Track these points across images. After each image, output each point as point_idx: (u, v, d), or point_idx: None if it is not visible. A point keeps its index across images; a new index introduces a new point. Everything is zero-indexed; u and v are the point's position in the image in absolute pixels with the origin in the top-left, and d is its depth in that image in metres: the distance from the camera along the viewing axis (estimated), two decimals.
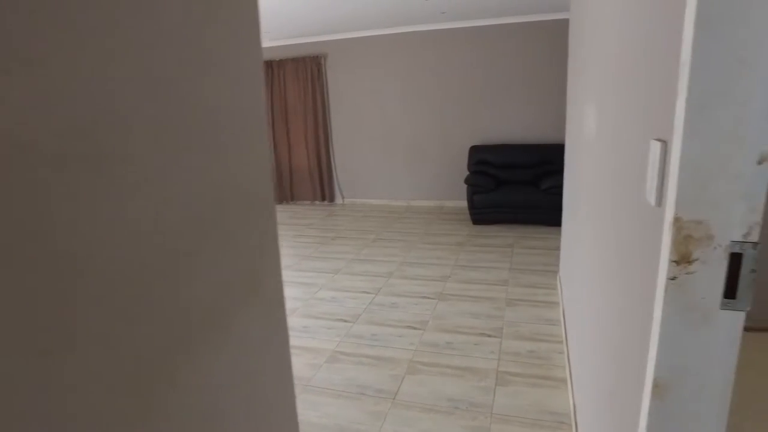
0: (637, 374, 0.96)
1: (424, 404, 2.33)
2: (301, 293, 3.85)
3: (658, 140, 0.87)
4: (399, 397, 2.39)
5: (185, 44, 0.68)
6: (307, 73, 6.92)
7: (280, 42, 6.87)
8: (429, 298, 3.56)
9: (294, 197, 7.43)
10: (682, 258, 0.78)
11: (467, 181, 5.42)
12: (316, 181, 7.22)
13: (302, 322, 3.31)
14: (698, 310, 0.80)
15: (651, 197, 0.91)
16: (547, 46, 5.62)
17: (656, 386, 0.85)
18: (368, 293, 3.73)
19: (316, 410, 2.33)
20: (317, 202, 7.33)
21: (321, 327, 3.23)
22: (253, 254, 0.86)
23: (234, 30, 0.80)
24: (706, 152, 0.73)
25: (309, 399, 2.43)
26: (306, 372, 2.68)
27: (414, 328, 3.11)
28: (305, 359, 2.82)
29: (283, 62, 6.98)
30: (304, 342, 3.03)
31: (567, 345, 2.63)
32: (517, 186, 5.46)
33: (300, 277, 4.22)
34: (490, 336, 2.95)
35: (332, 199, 7.28)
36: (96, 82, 0.53)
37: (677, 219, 0.77)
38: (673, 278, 0.79)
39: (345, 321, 3.29)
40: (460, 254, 4.52)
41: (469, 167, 5.93)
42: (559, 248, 3.82)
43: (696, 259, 0.77)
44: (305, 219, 6.42)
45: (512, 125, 6.06)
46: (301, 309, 3.54)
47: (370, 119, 6.77)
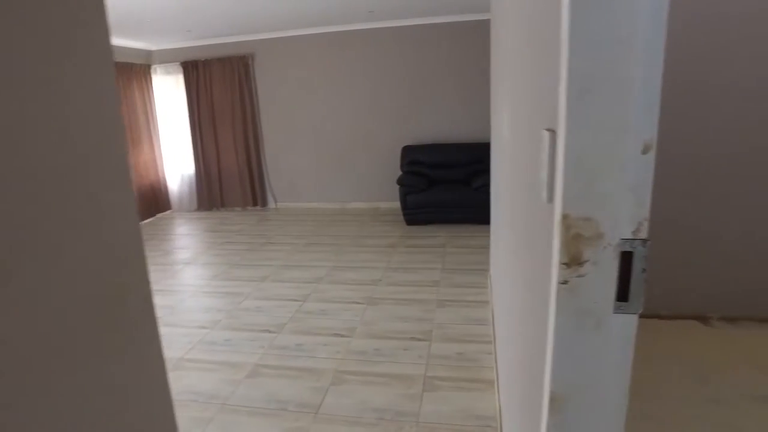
0: (539, 386, 0.89)
1: (348, 417, 2.21)
2: (225, 304, 3.64)
3: (548, 130, 0.80)
4: (322, 411, 2.27)
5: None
6: (235, 74, 6.64)
7: (205, 41, 6.56)
8: (359, 303, 3.46)
9: (224, 203, 7.11)
10: (573, 260, 0.71)
11: (400, 182, 5.37)
12: (247, 186, 6.94)
13: (224, 335, 3.11)
14: (591, 316, 0.73)
15: (543, 193, 0.84)
16: (474, 46, 5.68)
17: (553, 400, 0.78)
18: (296, 301, 3.58)
19: None
20: (249, 208, 7.05)
21: (244, 339, 3.04)
22: (113, 271, 0.70)
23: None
24: (591, 142, 0.66)
25: (225, 420, 2.25)
26: (224, 389, 2.50)
27: (342, 336, 2.99)
28: (224, 375, 2.63)
29: (209, 62, 6.67)
30: (225, 356, 2.84)
31: (495, 345, 2.61)
32: (450, 185, 5.47)
33: (225, 287, 4.00)
34: (420, 340, 2.88)
35: (264, 204, 7.03)
36: None
37: (565, 216, 0.70)
38: (565, 282, 0.72)
39: (270, 332, 3.12)
40: (393, 256, 4.46)
41: (402, 167, 5.89)
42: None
43: (587, 260, 0.70)
44: (235, 225, 6.15)
45: (444, 124, 6.08)
46: (224, 321, 3.33)
47: (302, 121, 6.59)
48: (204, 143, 6.96)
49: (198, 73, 6.74)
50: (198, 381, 2.60)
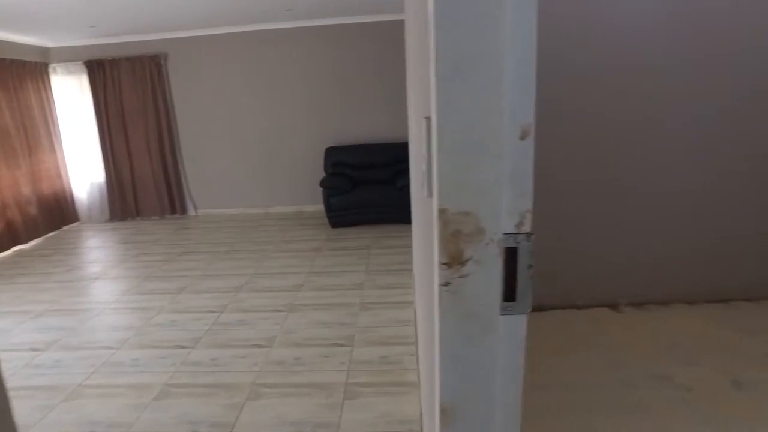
0: (433, 397, 0.82)
1: None
2: (135, 321, 3.36)
3: (426, 118, 0.74)
4: (237, 430, 2.11)
5: None
6: (146, 74, 6.22)
7: (112, 39, 6.08)
8: (280, 311, 3.31)
9: (139, 212, 6.64)
10: (454, 259, 0.64)
11: (322, 184, 5.25)
12: (164, 194, 6.52)
13: (131, 355, 2.86)
14: (477, 320, 0.67)
15: (425, 187, 0.78)
16: (393, 45, 5.67)
17: (443, 412, 0.71)
18: (213, 312, 3.37)
19: None
20: (167, 216, 6.63)
21: (154, 358, 2.81)
22: None
23: None
24: (465, 127, 0.60)
25: None
26: (128, 415, 2.27)
27: (260, 346, 2.84)
28: (129, 399, 2.40)
29: (117, 62, 6.19)
30: (131, 378, 2.60)
31: (417, 346, 2.57)
32: (374, 186, 5.42)
33: (136, 302, 3.70)
34: (342, 345, 2.79)
35: (184, 212, 6.64)
36: None
37: (443, 211, 0.63)
38: (447, 284, 0.65)
39: (183, 347, 2.91)
40: (317, 260, 4.33)
41: (326, 169, 5.77)
42: None
43: (469, 259, 0.64)
44: (151, 235, 5.76)
45: (367, 125, 6.03)
46: (133, 339, 3.06)
47: (221, 123, 6.29)
48: (114, 149, 6.46)
49: (105, 74, 6.24)
50: (98, 409, 2.36)
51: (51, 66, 6.25)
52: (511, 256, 0.64)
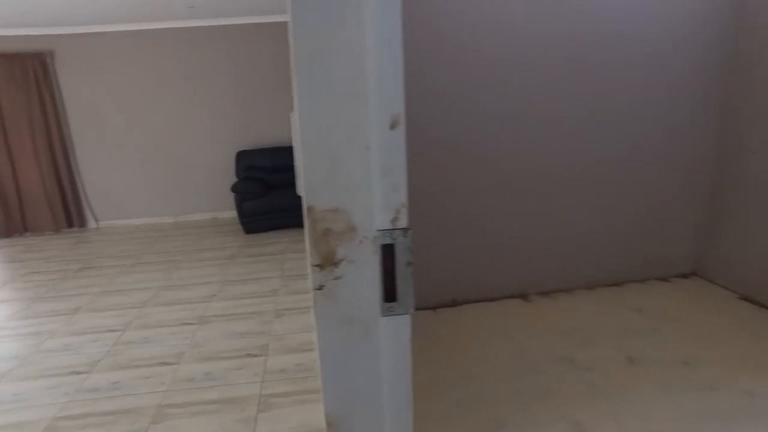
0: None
1: None
2: (21, 348, 3.00)
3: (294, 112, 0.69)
4: None
5: None
6: (29, 74, 5.62)
7: None
8: (190, 324, 3.11)
9: (28, 228, 6.00)
10: (326, 260, 0.60)
11: (234, 189, 5.04)
12: (58, 206, 5.94)
13: (13, 389, 2.55)
14: (357, 324, 0.63)
15: (298, 185, 0.73)
16: None
17: (330, 425, 0.67)
18: (114, 331, 3.10)
19: None
20: (64, 230, 6.05)
21: (41, 389, 2.52)
22: None
23: None
24: (328, 118, 0.56)
25: None
26: None
27: (167, 364, 2.64)
28: None
29: None
30: (11, 417, 2.31)
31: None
32: (288, 189, 5.28)
33: (24, 327, 3.31)
34: (256, 355, 2.67)
35: (83, 224, 6.10)
36: None
37: (311, 209, 0.58)
38: (321, 287, 0.61)
39: (78, 373, 2.64)
40: (231, 268, 4.14)
41: (238, 173, 5.55)
42: None
43: (342, 259, 0.60)
44: (43, 252, 5.23)
45: (278, 126, 5.87)
46: (17, 370, 2.73)
47: (122, 128, 5.83)
48: None
49: None
50: None
51: None
52: (389, 254, 0.61)
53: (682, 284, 3.07)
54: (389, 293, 0.62)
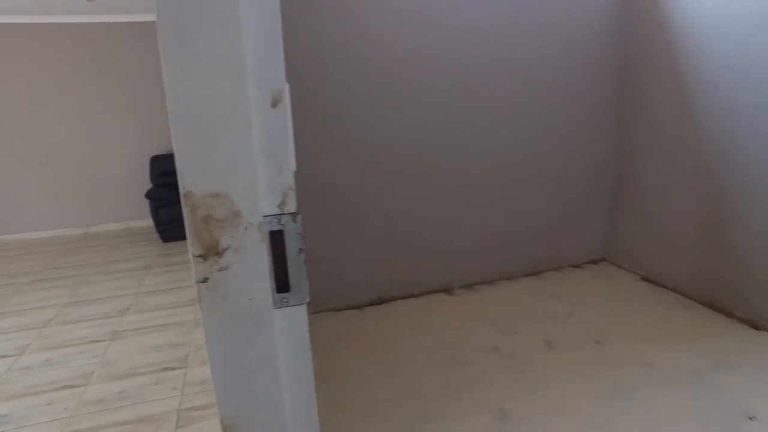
0: None
1: None
2: None
3: None
4: None
5: None
6: None
7: None
8: (99, 341, 2.88)
9: None
10: (209, 250, 0.55)
11: (149, 195, 4.76)
12: None
13: None
14: (248, 318, 0.58)
15: None
16: None
17: (226, 430, 0.62)
18: (7, 357, 2.79)
19: None
20: None
21: None
22: None
23: None
24: (203, 94, 0.51)
25: None
26: None
27: (72, 387, 2.42)
28: None
29: None
30: None
31: None
32: None
33: None
34: (174, 369, 2.51)
35: None
36: None
37: (188, 195, 0.53)
38: (205, 280, 0.56)
39: None
40: (146, 279, 3.89)
41: (153, 179, 5.24)
42: None
43: (226, 248, 0.55)
44: None
45: None
46: None
47: (11, 134, 5.31)
48: None
49: None
50: None
51: None
52: (278, 241, 0.57)
53: (593, 270, 3.27)
54: (281, 283, 0.58)
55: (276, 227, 0.57)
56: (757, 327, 2.40)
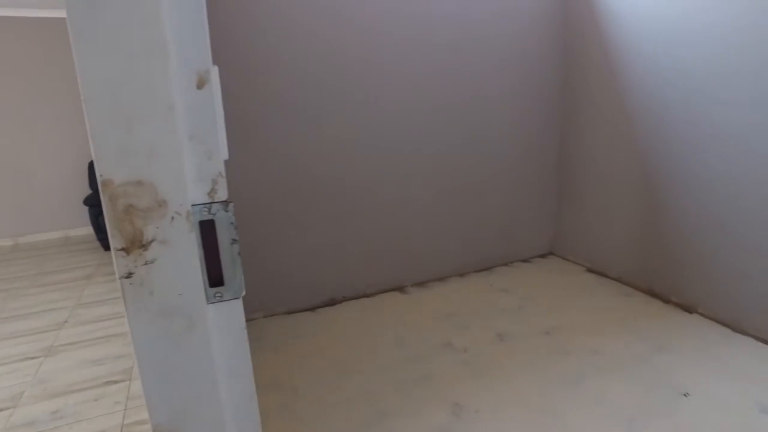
0: None
1: None
2: None
3: None
4: None
5: None
6: None
7: None
8: (32, 359, 2.69)
9: None
10: (133, 243, 0.51)
11: (87, 202, 4.51)
12: None
13: None
14: (179, 315, 0.55)
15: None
16: None
17: None
18: None
19: None
20: None
21: None
22: None
23: None
24: (121, 74, 0.47)
25: None
26: None
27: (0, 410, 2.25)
28: None
29: None
30: None
31: None
32: None
33: None
34: (117, 382, 2.38)
35: None
36: None
37: (107, 183, 0.49)
38: (129, 275, 0.52)
39: None
40: (86, 289, 3.68)
41: (92, 185, 4.97)
42: None
43: (152, 240, 0.52)
44: None
45: None
46: None
47: None
48: None
49: None
50: None
51: None
52: (209, 231, 0.54)
53: (541, 263, 3.36)
54: (214, 277, 0.55)
55: (206, 217, 0.53)
56: (690, 310, 2.54)
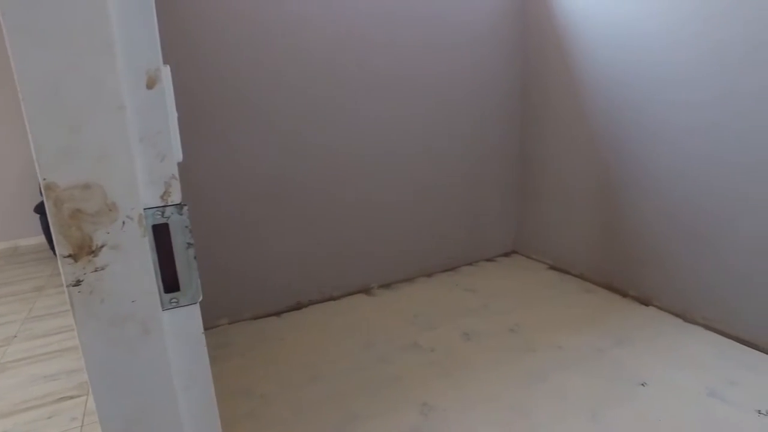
0: None
1: None
2: None
3: None
4: None
5: None
6: None
7: None
8: None
9: None
10: (81, 249, 0.49)
11: (38, 209, 4.32)
12: None
13: None
14: (133, 322, 0.53)
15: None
16: None
17: None
18: None
19: None
20: None
21: None
22: None
23: None
24: (60, 69, 0.45)
25: None
26: None
27: None
28: None
29: None
30: None
31: None
32: None
33: None
34: (73, 397, 2.28)
35: None
36: None
37: (50, 187, 0.47)
38: (78, 283, 0.49)
39: None
40: (38, 302, 3.52)
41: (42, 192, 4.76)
42: None
43: (102, 246, 0.50)
44: None
45: None
46: None
47: None
48: None
49: None
50: None
51: None
52: (164, 236, 0.52)
53: (505, 262, 3.42)
54: (169, 282, 0.53)
55: (159, 220, 0.52)
56: (646, 303, 2.64)
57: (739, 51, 2.07)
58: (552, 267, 3.24)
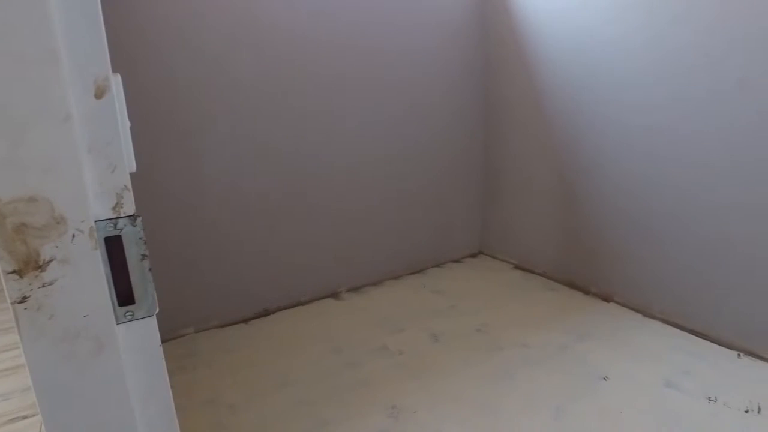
0: None
1: None
2: None
3: None
4: None
5: None
6: None
7: None
8: None
9: None
10: (27, 264, 0.47)
11: None
12: None
13: None
14: (85, 338, 0.51)
15: None
16: None
17: None
18: None
19: None
20: None
21: None
22: None
23: None
24: (2, 81, 0.44)
25: None
26: None
27: None
28: None
29: None
30: None
31: None
32: None
33: None
34: (27, 417, 2.18)
35: None
36: None
37: None
38: (24, 299, 0.48)
39: None
40: None
41: None
42: None
43: (51, 260, 0.48)
44: None
45: None
46: None
47: None
48: None
49: None
50: None
51: None
52: (117, 248, 0.51)
53: (471, 263, 3.47)
54: (124, 295, 0.52)
55: (112, 233, 0.50)
56: (607, 300, 2.72)
57: (689, 57, 2.17)
58: (517, 267, 3.31)
